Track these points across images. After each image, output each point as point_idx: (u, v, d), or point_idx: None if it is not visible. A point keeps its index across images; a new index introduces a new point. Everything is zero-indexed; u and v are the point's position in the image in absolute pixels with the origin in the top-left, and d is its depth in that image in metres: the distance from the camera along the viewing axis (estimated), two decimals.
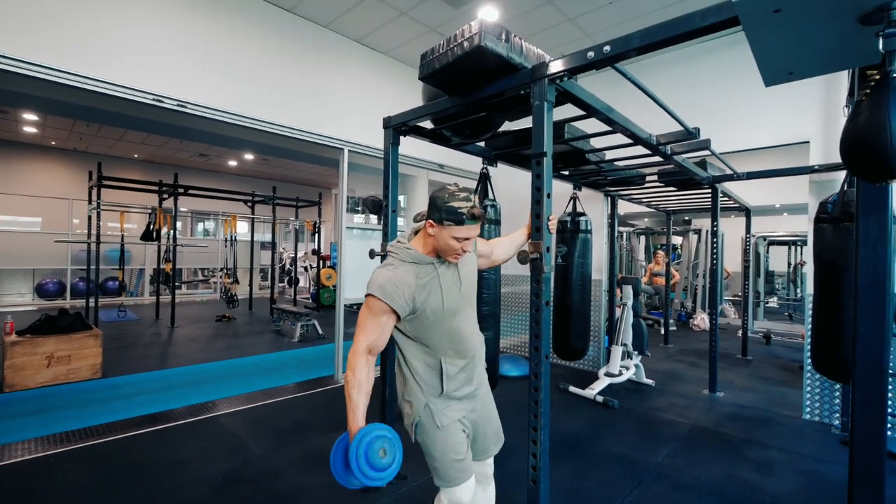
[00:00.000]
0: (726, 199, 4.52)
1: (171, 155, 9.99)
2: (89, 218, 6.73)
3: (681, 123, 2.39)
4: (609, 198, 4.77)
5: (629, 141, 2.58)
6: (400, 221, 3.38)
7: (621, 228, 9.14)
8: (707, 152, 3.02)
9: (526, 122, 2.25)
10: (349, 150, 4.21)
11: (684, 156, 3.03)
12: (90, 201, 6.69)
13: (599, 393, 3.69)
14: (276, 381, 4.10)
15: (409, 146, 4.37)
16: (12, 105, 5.75)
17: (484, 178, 2.95)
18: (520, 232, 1.81)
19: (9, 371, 3.63)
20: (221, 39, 3.45)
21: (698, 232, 8.36)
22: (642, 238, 9.74)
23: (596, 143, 2.98)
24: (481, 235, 1.59)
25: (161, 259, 7.64)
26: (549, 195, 1.70)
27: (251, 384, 4.00)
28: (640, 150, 2.79)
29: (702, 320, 7.37)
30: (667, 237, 6.67)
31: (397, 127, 2.45)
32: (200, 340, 5.92)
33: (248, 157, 10.02)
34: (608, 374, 3.92)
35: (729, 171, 3.61)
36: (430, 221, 1.36)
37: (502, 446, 1.61)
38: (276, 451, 2.69)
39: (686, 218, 10.12)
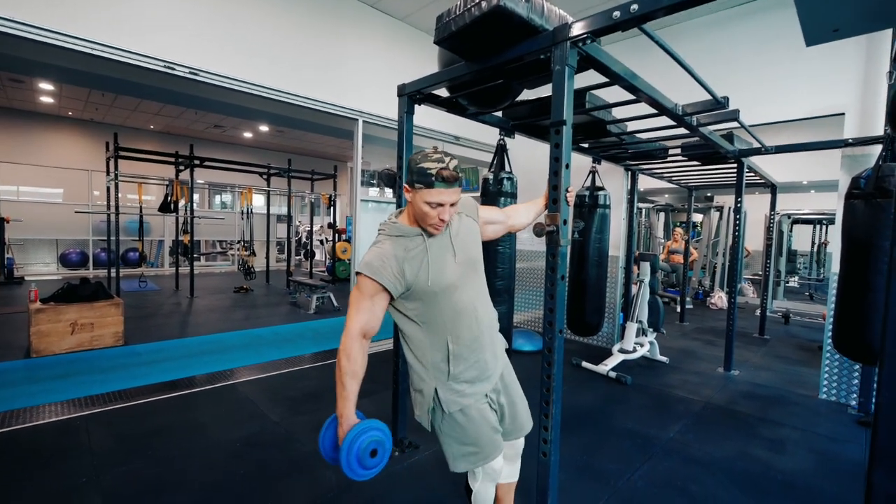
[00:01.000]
0: (752, 174, 4.34)
1: (187, 126, 10.00)
2: (108, 189, 6.83)
3: (709, 91, 2.26)
4: (629, 172, 4.63)
5: (652, 112, 2.46)
6: None
7: (640, 204, 8.92)
8: (734, 124, 2.88)
9: (545, 91, 2.16)
10: (364, 121, 4.13)
11: (710, 127, 2.90)
12: (108, 172, 6.77)
13: (613, 369, 3.68)
14: (292, 352, 4.18)
15: (425, 117, 4.26)
16: (28, 73, 5.76)
17: (500, 150, 2.87)
18: (537, 200, 1.75)
19: (35, 337, 3.76)
20: (234, 6, 3.36)
21: (720, 209, 8.12)
22: (661, 214, 9.52)
23: (617, 114, 2.86)
24: (494, 203, 1.53)
25: (179, 231, 7.75)
26: (567, 166, 1.63)
27: (268, 354, 4.09)
28: (663, 122, 2.67)
29: (719, 299, 7.25)
30: (687, 214, 6.50)
31: (412, 95, 2.38)
32: (219, 311, 6.05)
33: (263, 128, 9.97)
34: (622, 351, 3.90)
35: (756, 145, 3.45)
36: (406, 186, 1.28)
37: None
38: (292, 419, 2.77)
39: (708, 194, 9.85)
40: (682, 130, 2.86)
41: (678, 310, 6.28)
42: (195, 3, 3.19)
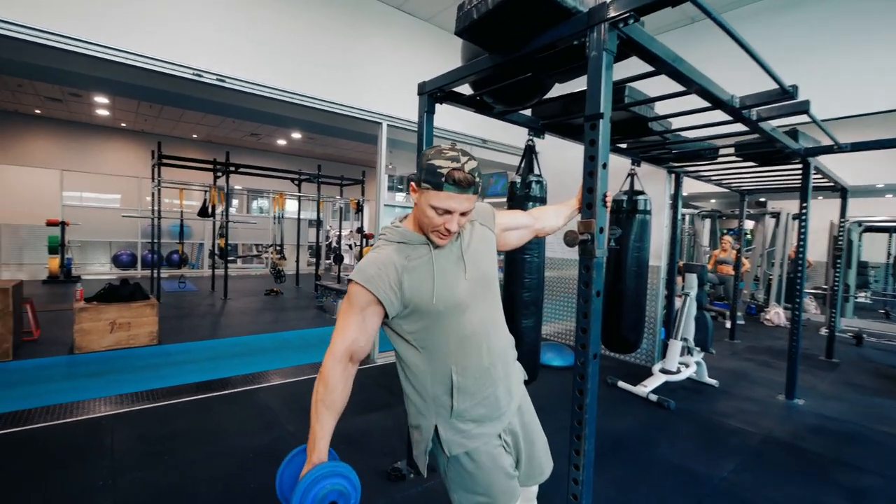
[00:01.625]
0: (818, 176, 3.89)
1: (226, 135, 10.37)
2: (152, 194, 7.12)
3: (774, 79, 1.97)
4: (673, 175, 4.28)
5: (700, 106, 2.19)
6: None
7: (683, 210, 8.38)
8: (803, 118, 2.54)
9: (578, 85, 1.95)
10: (388, 125, 4.03)
11: (773, 123, 2.57)
12: (152, 179, 7.06)
13: (654, 391, 3.35)
14: (315, 357, 4.12)
15: (451, 119, 4.12)
16: (83, 87, 6.08)
17: (529, 151, 2.66)
18: (570, 202, 1.53)
19: (78, 335, 3.89)
20: (258, 14, 3.35)
21: (776, 215, 7.47)
22: (707, 221, 8.91)
23: (660, 110, 2.59)
24: (521, 208, 1.33)
25: (215, 234, 7.99)
26: (605, 165, 1.42)
27: (291, 359, 4.05)
28: (713, 118, 2.38)
29: (775, 314, 6.64)
30: (739, 220, 5.98)
31: (432, 93, 2.22)
32: (249, 313, 6.13)
33: (296, 135, 10.18)
34: (664, 371, 3.56)
35: (826, 143, 3.05)
36: (412, 184, 1.08)
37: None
38: (304, 432, 2.65)
39: (760, 199, 9.13)
40: (735, 127, 2.56)
41: (728, 325, 5.77)
42: (222, 13, 3.20)
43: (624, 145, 3.33)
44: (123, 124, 9.64)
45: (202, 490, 2.02)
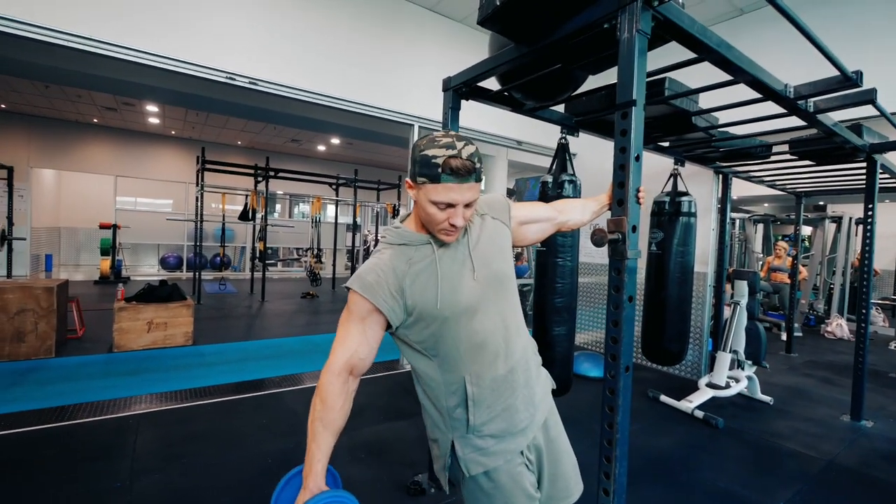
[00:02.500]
0: (886, 176, 3.51)
1: (268, 141, 10.74)
2: (196, 199, 7.43)
3: (835, 64, 1.76)
4: (720, 175, 3.99)
5: (748, 98, 2.00)
6: None
7: (733, 214, 7.88)
8: (867, 110, 2.28)
9: (614, 77, 1.82)
10: (419, 126, 4.00)
11: (833, 115, 2.31)
12: (197, 184, 7.38)
13: (699, 407, 3.10)
14: None
15: (484, 120, 4.03)
16: (134, 96, 6.45)
17: (562, 150, 2.53)
18: (600, 197, 1.39)
19: (117, 333, 4.06)
20: (289, 16, 3.40)
21: (837, 220, 6.88)
22: (759, 226, 8.33)
23: (704, 104, 2.39)
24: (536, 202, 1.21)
25: (255, 238, 8.23)
26: (638, 158, 1.29)
27: (320, 362, 4.02)
28: (763, 110, 2.16)
29: (837, 326, 6.08)
30: (795, 225, 5.52)
31: (457, 88, 2.14)
32: (284, 315, 6.25)
33: (335, 141, 10.40)
34: (711, 385, 3.29)
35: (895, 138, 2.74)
36: (408, 181, 0.99)
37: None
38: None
39: (819, 203, 8.47)
40: (789, 122, 2.33)
41: (783, 338, 5.32)
42: (254, 18, 3.26)
43: (666, 143, 3.13)
44: (173, 132, 10.18)
45: (216, 496, 2.00)
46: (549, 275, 2.38)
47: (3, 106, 8.32)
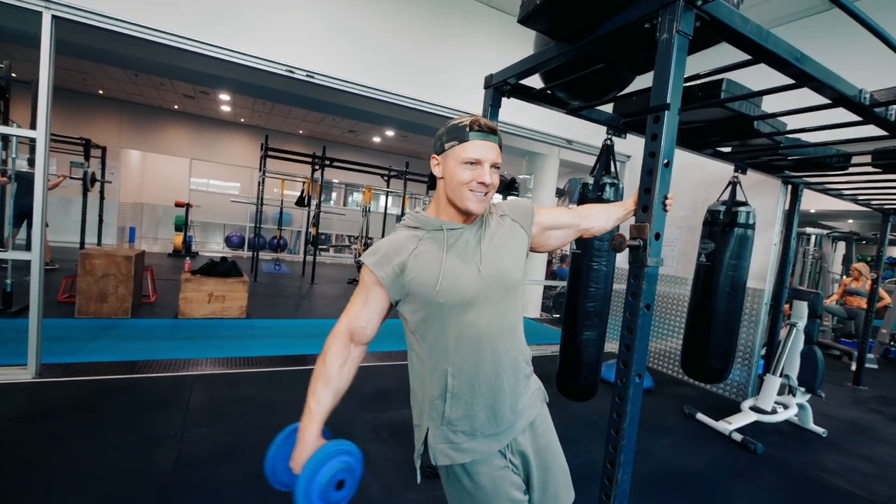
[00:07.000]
0: None
1: (326, 131, 11.22)
2: (258, 183, 7.94)
3: None
4: (788, 186, 3.68)
5: (820, 103, 1.84)
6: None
7: (810, 230, 7.22)
8: None
9: None
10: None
11: None
12: (259, 169, 7.88)
13: (739, 430, 2.92)
14: (375, 347, 4.25)
15: (532, 117, 3.99)
16: (208, 85, 6.99)
17: (606, 151, 2.47)
18: (623, 204, 1.35)
19: (182, 302, 4.48)
20: (347, 12, 3.54)
21: None
22: (840, 244, 7.58)
23: (770, 108, 2.23)
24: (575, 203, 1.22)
25: (308, 223, 8.67)
26: (667, 164, 1.25)
27: None
28: (839, 117, 1.97)
29: None
30: (879, 245, 4.98)
31: (498, 86, 2.15)
32: (330, 298, 6.56)
33: (389, 133, 10.66)
34: (756, 409, 3.08)
35: None
36: (434, 156, 1.06)
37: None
38: (355, 415, 2.75)
39: None
40: (871, 130, 2.11)
41: (853, 368, 4.84)
42: (314, 13, 3.43)
43: (727, 149, 2.94)
44: (242, 119, 10.91)
45: (254, 455, 2.18)
46: (582, 278, 2.34)
47: (100, 91, 9.32)
